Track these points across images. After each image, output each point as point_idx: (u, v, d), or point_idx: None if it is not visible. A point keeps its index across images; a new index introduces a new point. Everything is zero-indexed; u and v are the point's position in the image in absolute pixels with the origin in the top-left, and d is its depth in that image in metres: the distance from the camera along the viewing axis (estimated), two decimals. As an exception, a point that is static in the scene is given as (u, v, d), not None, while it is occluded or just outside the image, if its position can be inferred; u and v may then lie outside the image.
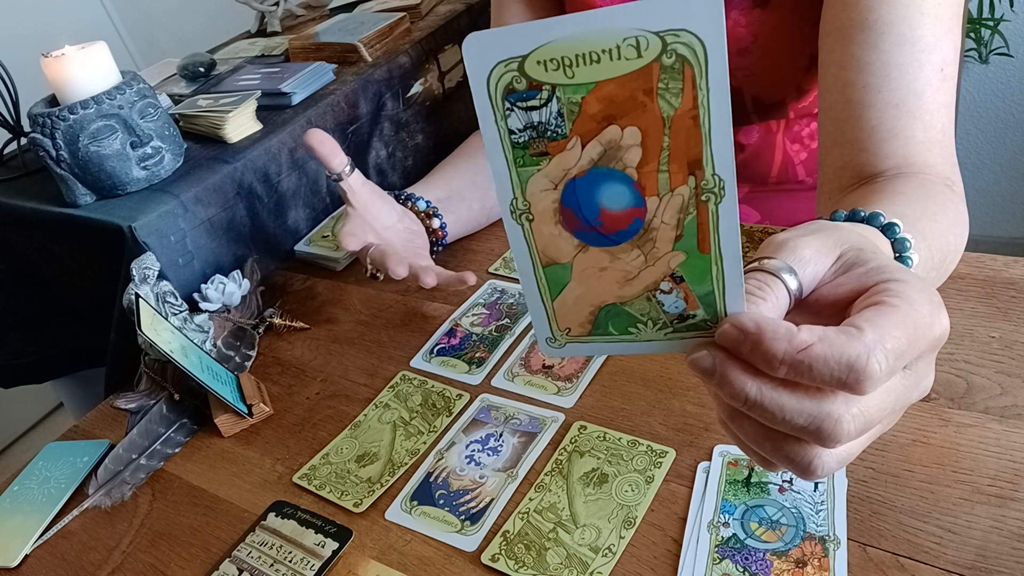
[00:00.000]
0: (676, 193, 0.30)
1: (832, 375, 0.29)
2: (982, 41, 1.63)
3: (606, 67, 0.27)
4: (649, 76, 0.27)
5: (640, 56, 0.27)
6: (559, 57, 0.27)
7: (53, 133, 0.80)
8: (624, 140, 0.29)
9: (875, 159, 0.58)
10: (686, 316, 0.33)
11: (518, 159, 0.30)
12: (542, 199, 0.31)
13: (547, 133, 0.29)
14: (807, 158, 0.82)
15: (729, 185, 0.29)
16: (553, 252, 0.32)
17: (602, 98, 0.28)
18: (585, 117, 0.29)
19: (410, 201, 0.78)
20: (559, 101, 0.28)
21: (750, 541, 0.47)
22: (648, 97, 0.28)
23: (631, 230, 0.31)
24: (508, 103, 0.29)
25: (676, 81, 0.27)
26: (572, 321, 0.34)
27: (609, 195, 0.30)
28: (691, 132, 0.28)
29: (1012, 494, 0.45)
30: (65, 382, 1.15)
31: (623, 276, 0.32)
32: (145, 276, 0.73)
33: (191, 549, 0.58)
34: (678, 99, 0.28)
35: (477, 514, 0.53)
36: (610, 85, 0.28)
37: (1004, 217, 1.86)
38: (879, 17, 0.56)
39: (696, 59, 0.27)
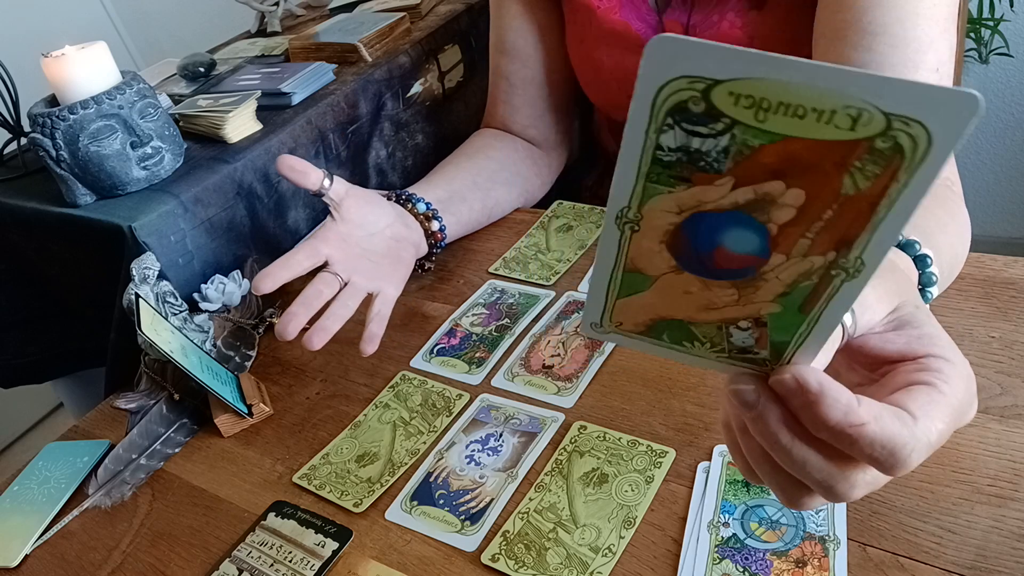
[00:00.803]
0: (808, 259, 0.27)
1: (872, 455, 0.29)
2: (982, 41, 1.63)
3: (807, 126, 0.23)
4: (851, 151, 0.23)
5: (853, 129, 0.23)
6: (758, 96, 0.23)
7: (53, 133, 0.80)
8: (784, 199, 0.25)
9: None
10: (748, 351, 0.31)
11: (652, 174, 0.26)
12: (659, 218, 0.27)
13: (700, 164, 0.25)
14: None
15: (868, 270, 0.26)
16: (643, 263, 0.29)
17: (783, 153, 0.24)
18: (753, 163, 0.25)
19: (410, 202, 0.77)
20: (733, 139, 0.24)
21: (750, 541, 0.47)
22: (836, 170, 0.24)
23: (740, 273, 0.28)
24: (671, 119, 0.24)
25: (876, 166, 0.23)
26: (628, 319, 0.32)
27: (735, 237, 0.27)
28: (860, 215, 0.25)
29: (1012, 494, 0.45)
30: (65, 382, 1.15)
31: (705, 304, 0.30)
32: (145, 276, 0.73)
33: (191, 549, 0.58)
34: (868, 183, 0.24)
35: (477, 514, 0.53)
36: (799, 144, 0.24)
37: (1004, 217, 1.86)
38: (873, 19, 0.56)
39: (913, 154, 0.23)
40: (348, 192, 0.70)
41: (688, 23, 0.74)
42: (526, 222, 0.87)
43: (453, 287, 0.79)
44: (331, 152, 0.97)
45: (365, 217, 0.70)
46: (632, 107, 0.25)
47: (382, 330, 0.68)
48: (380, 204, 0.73)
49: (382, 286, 0.69)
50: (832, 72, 0.22)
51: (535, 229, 0.85)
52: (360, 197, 0.71)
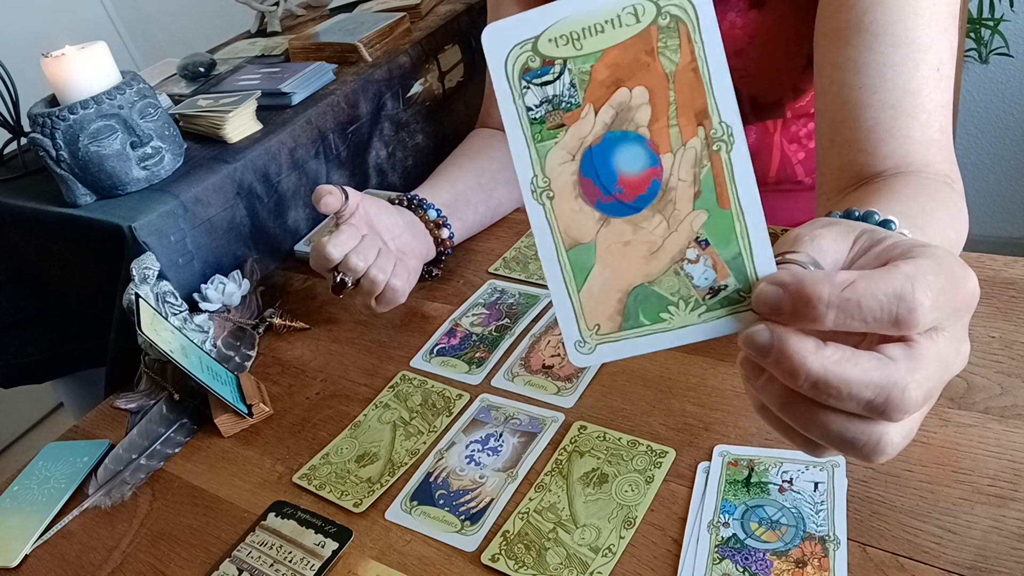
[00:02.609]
0: (688, 146, 0.31)
1: (883, 309, 0.29)
2: (982, 41, 1.63)
3: (610, 35, 0.30)
4: (649, 38, 0.30)
5: (639, 21, 0.30)
6: (567, 32, 0.31)
7: (53, 133, 0.80)
8: (633, 100, 0.31)
9: (873, 159, 0.58)
10: (717, 288, 0.32)
11: (536, 135, 0.32)
12: (561, 172, 0.32)
13: (562, 105, 0.31)
14: (805, 158, 0.82)
15: (737, 131, 0.31)
16: (575, 231, 0.33)
17: (609, 64, 0.31)
18: (595, 84, 0.31)
19: (421, 208, 0.77)
20: (571, 73, 0.31)
21: (750, 541, 0.47)
22: (650, 57, 0.31)
23: (650, 193, 0.32)
24: (524, 82, 0.31)
25: (673, 39, 0.30)
26: (600, 314, 0.33)
27: (625, 158, 0.32)
28: (693, 84, 0.31)
29: (1012, 494, 0.45)
30: (65, 382, 1.15)
31: (647, 248, 0.33)
32: (145, 276, 0.73)
33: (191, 549, 0.58)
34: (677, 55, 0.31)
35: (477, 514, 0.53)
36: (615, 51, 0.31)
37: (1004, 217, 1.86)
38: (874, 19, 0.56)
39: (688, 17, 0.30)
40: (363, 197, 0.71)
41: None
42: (526, 222, 0.86)
43: (453, 287, 0.79)
44: (331, 152, 0.97)
45: (382, 221, 0.71)
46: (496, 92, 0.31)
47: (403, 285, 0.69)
48: (390, 212, 0.73)
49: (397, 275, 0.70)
50: None
51: (535, 229, 0.85)
52: (373, 202, 0.72)
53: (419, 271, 0.75)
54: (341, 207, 0.68)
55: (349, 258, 0.66)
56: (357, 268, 0.66)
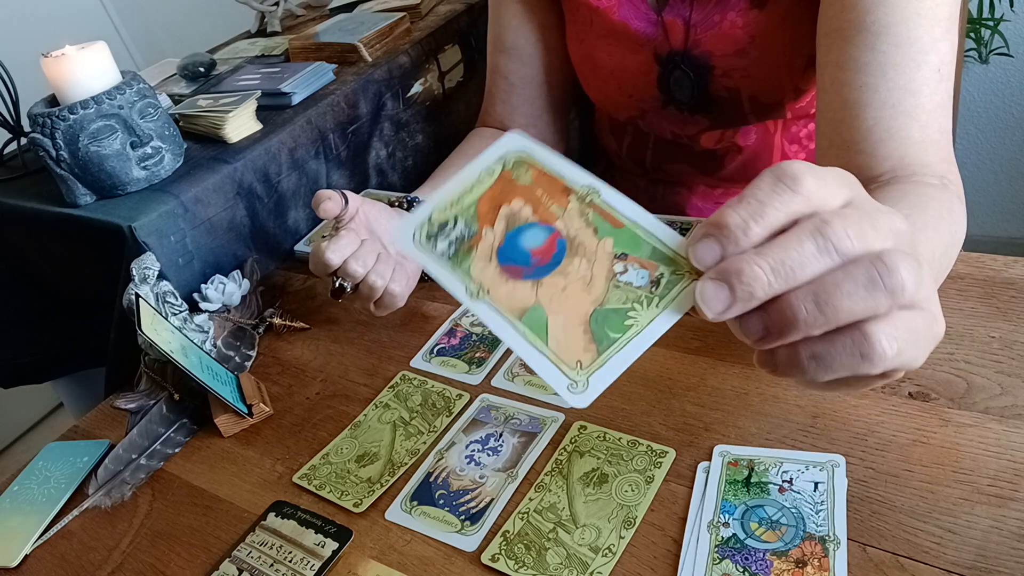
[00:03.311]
0: (569, 210, 0.39)
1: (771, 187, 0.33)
2: (982, 41, 1.63)
3: (479, 189, 0.40)
4: (507, 178, 0.40)
5: (494, 175, 0.40)
6: (448, 202, 0.40)
7: (53, 133, 0.80)
8: (515, 208, 0.39)
9: (872, 161, 0.58)
10: (657, 279, 0.36)
11: (456, 264, 0.39)
12: (485, 272, 0.38)
13: (465, 238, 0.39)
14: (805, 159, 0.82)
15: (598, 183, 0.38)
16: (519, 303, 0.38)
17: (487, 200, 0.40)
18: (483, 214, 0.39)
19: None
20: (462, 218, 0.39)
21: (750, 541, 0.47)
22: (512, 184, 0.40)
23: (560, 249, 0.38)
24: (432, 241, 0.39)
25: (523, 170, 0.40)
26: (576, 351, 0.37)
27: (528, 239, 0.39)
28: (551, 180, 0.39)
29: (1012, 494, 0.45)
30: (65, 382, 1.15)
31: (583, 283, 0.37)
32: (145, 276, 0.73)
33: (191, 549, 0.58)
34: (529, 175, 0.40)
35: (477, 514, 0.53)
36: (488, 193, 0.40)
37: (1004, 217, 1.86)
38: (876, 19, 0.56)
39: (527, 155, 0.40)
40: (362, 201, 0.71)
41: (688, 21, 0.74)
42: (526, 222, 0.86)
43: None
44: (331, 152, 0.97)
45: (381, 225, 0.71)
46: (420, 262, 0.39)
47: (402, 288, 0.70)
48: (390, 215, 0.73)
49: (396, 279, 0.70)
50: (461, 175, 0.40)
51: (535, 229, 0.85)
52: (372, 205, 0.72)
53: (418, 275, 0.75)
54: (341, 212, 0.68)
55: (348, 263, 0.66)
56: (356, 273, 0.66)
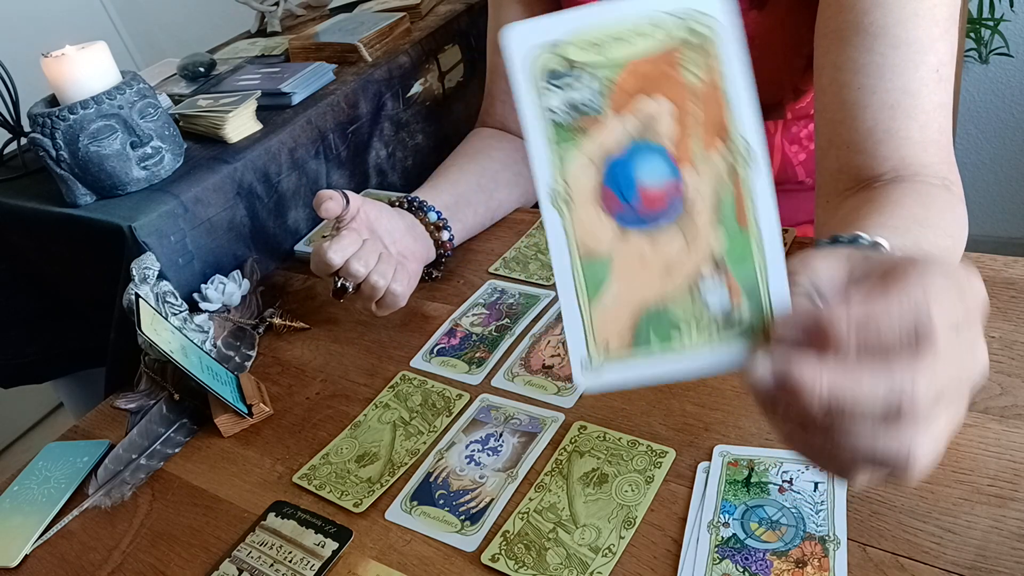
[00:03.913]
0: (710, 162, 0.31)
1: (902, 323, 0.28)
2: (982, 41, 1.63)
3: (637, 46, 0.31)
4: (674, 52, 0.31)
5: (666, 36, 0.30)
6: (593, 39, 0.30)
7: (53, 133, 0.80)
8: (657, 111, 0.31)
9: (872, 161, 0.58)
10: (730, 318, 0.32)
11: (557, 137, 0.31)
12: (581, 179, 0.31)
13: (585, 110, 0.31)
14: (806, 159, 0.82)
15: (758, 152, 0.31)
16: (592, 241, 0.32)
17: (635, 74, 0.31)
18: (620, 92, 0.31)
19: (422, 211, 0.77)
20: (596, 79, 0.31)
21: (750, 541, 0.47)
22: (675, 70, 0.31)
23: (670, 208, 0.32)
24: (548, 84, 0.31)
25: (698, 55, 0.30)
26: (611, 330, 0.33)
27: (647, 169, 0.31)
28: (716, 99, 0.31)
29: (1012, 494, 0.45)
30: (65, 382, 1.15)
31: (664, 266, 0.32)
32: (145, 276, 0.73)
33: (191, 549, 0.58)
34: (702, 71, 0.31)
35: (477, 514, 0.54)
36: (641, 63, 0.31)
37: (1004, 217, 1.86)
38: (874, 20, 0.56)
39: (713, 35, 0.30)
40: (363, 201, 0.71)
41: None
42: (526, 222, 0.87)
43: (453, 287, 0.79)
44: (331, 152, 0.97)
45: (382, 225, 0.71)
46: (516, 93, 0.31)
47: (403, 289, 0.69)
48: (391, 215, 0.73)
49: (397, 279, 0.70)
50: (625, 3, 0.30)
51: (535, 229, 0.85)
52: (373, 205, 0.72)
53: (419, 274, 0.75)
54: (342, 212, 0.68)
55: (350, 263, 0.66)
56: (358, 273, 0.66)
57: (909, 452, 0.30)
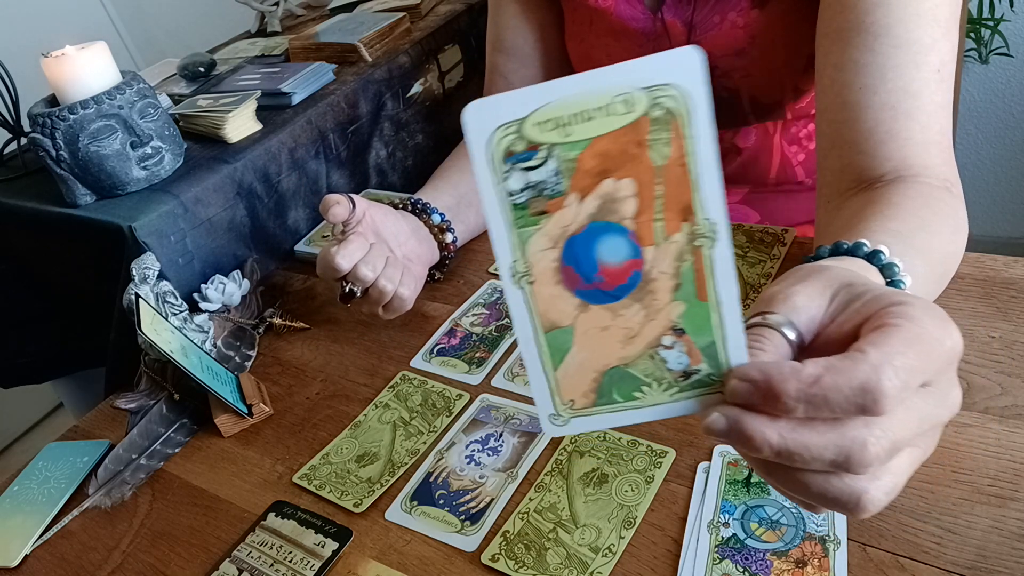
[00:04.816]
0: (672, 240, 0.31)
1: (848, 401, 0.29)
2: (982, 41, 1.63)
3: (600, 123, 0.29)
4: (640, 129, 0.29)
5: (630, 111, 0.29)
6: (555, 117, 0.29)
7: (53, 133, 0.80)
8: (620, 192, 0.30)
9: (873, 161, 0.58)
10: (690, 372, 0.33)
11: (518, 220, 0.31)
12: (542, 259, 0.31)
13: (545, 191, 0.30)
14: (805, 159, 0.82)
15: (721, 229, 0.30)
16: (554, 315, 0.32)
17: (597, 153, 0.30)
18: (582, 173, 0.30)
19: (425, 213, 0.77)
20: (557, 159, 0.30)
21: (750, 541, 0.47)
22: (640, 149, 0.29)
23: (630, 283, 0.32)
24: (507, 165, 0.30)
25: (665, 132, 0.29)
26: (575, 391, 0.34)
27: (607, 248, 0.31)
28: (681, 179, 0.30)
29: (1012, 494, 0.45)
30: (65, 382, 1.16)
31: (625, 334, 0.32)
32: (145, 276, 0.73)
33: (191, 549, 0.58)
34: (668, 148, 0.29)
35: (477, 514, 0.53)
36: (604, 140, 0.29)
37: (1004, 217, 1.86)
38: (875, 20, 0.56)
39: (682, 110, 0.29)
40: (369, 205, 0.70)
41: (691, 22, 0.74)
42: (526, 222, 0.86)
43: (453, 287, 0.79)
44: (331, 152, 0.97)
45: (388, 228, 0.71)
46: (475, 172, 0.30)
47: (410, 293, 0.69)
48: (396, 218, 0.73)
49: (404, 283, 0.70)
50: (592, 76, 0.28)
51: (535, 229, 0.85)
52: (378, 209, 0.71)
53: (424, 277, 0.75)
54: (348, 216, 0.68)
55: (358, 268, 0.66)
56: (366, 278, 0.66)
57: (860, 498, 0.31)
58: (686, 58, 0.28)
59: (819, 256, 0.45)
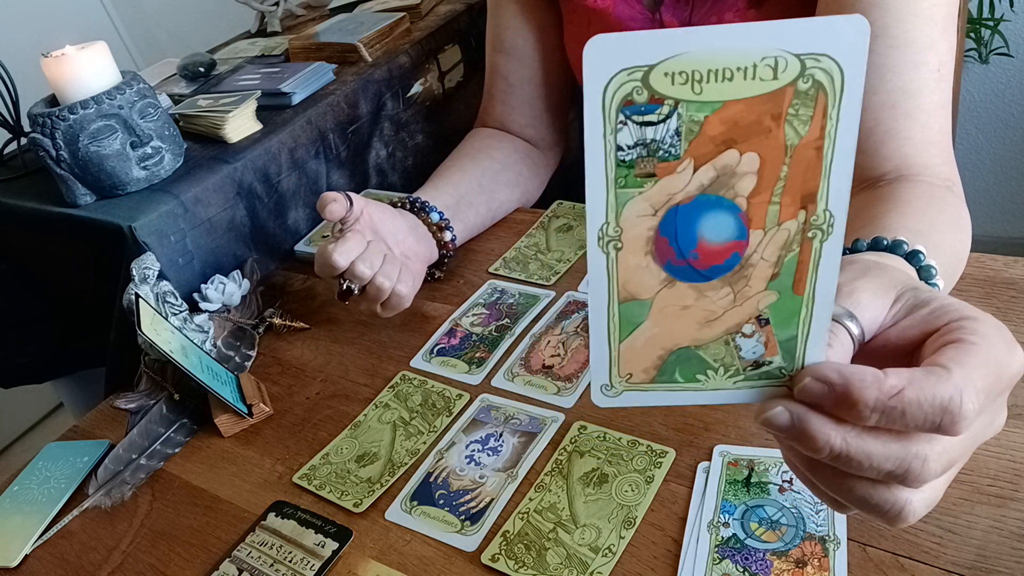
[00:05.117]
0: (783, 227, 0.28)
1: (926, 419, 0.29)
2: (982, 41, 1.63)
3: (737, 86, 0.26)
4: (781, 100, 0.26)
5: (776, 78, 0.25)
6: (689, 71, 0.25)
7: (53, 133, 0.80)
8: (741, 166, 0.27)
9: (874, 161, 0.58)
10: (761, 363, 0.31)
11: (619, 179, 0.27)
12: (637, 225, 0.28)
13: (659, 152, 0.27)
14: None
15: (839, 223, 0.28)
16: (634, 286, 0.30)
17: (726, 119, 0.26)
18: (704, 138, 0.27)
19: (424, 211, 0.77)
20: (680, 118, 0.26)
21: (750, 541, 0.47)
22: (775, 122, 0.26)
23: (727, 265, 0.29)
24: (623, 116, 0.26)
25: (807, 108, 0.26)
26: (637, 365, 0.32)
27: (711, 225, 0.28)
28: (811, 164, 0.27)
29: (1012, 494, 0.45)
30: (65, 382, 1.15)
31: (705, 316, 0.30)
32: (145, 276, 0.73)
33: (191, 549, 0.58)
34: (806, 127, 0.26)
35: (477, 514, 0.53)
36: (738, 106, 0.26)
37: (1004, 217, 1.86)
38: (873, 20, 0.56)
39: (832, 87, 0.26)
40: (366, 203, 0.70)
41: (689, 22, 0.74)
42: (526, 222, 0.87)
43: (453, 287, 0.79)
44: (331, 152, 0.97)
45: (386, 226, 0.71)
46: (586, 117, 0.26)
47: (407, 290, 0.69)
48: (394, 216, 0.73)
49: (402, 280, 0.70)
50: (740, 30, 0.25)
51: (535, 229, 0.85)
52: (376, 207, 0.71)
53: (423, 275, 0.75)
54: (346, 214, 0.68)
55: (355, 265, 0.66)
56: (364, 276, 0.66)
57: (903, 508, 0.31)
58: (854, 28, 0.24)
59: (856, 249, 0.45)
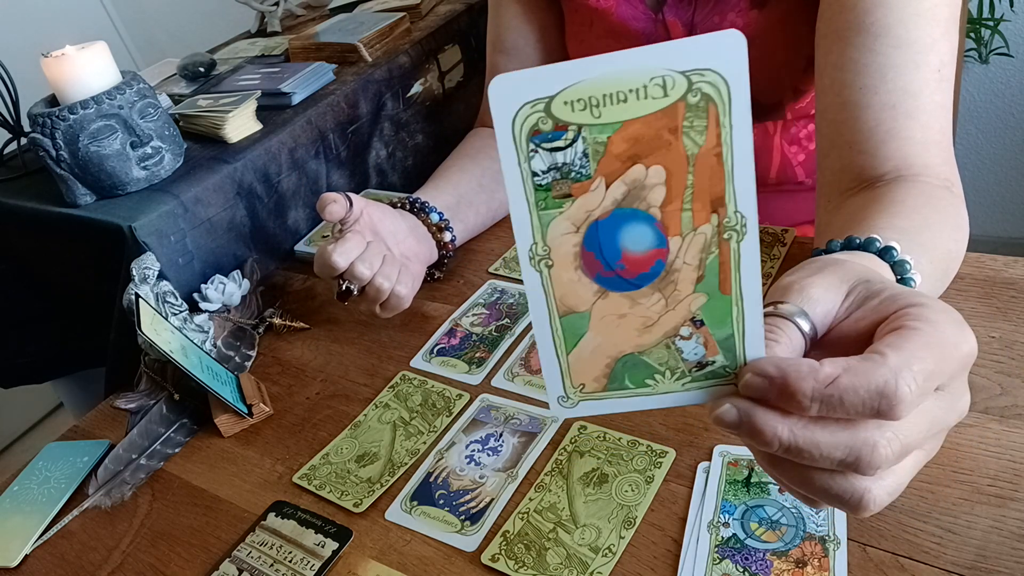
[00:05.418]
0: (699, 232, 0.30)
1: (864, 404, 0.29)
2: (982, 41, 1.63)
3: (632, 106, 0.28)
4: (675, 114, 0.28)
5: (666, 95, 0.27)
6: (586, 97, 0.28)
7: (53, 133, 0.80)
8: (648, 179, 0.29)
9: (874, 161, 0.58)
10: (705, 363, 0.33)
11: (540, 202, 0.30)
12: (563, 243, 0.31)
13: (571, 174, 0.29)
14: (805, 159, 0.82)
15: (751, 223, 0.30)
16: (571, 300, 0.32)
17: (628, 137, 0.28)
18: (610, 157, 0.29)
19: (424, 211, 0.77)
20: (585, 141, 0.29)
21: (750, 541, 0.47)
22: (673, 135, 0.28)
23: (652, 272, 0.31)
24: (533, 144, 0.29)
25: (701, 119, 0.28)
26: (587, 375, 0.34)
27: (632, 236, 0.30)
28: (714, 170, 0.29)
29: (1012, 494, 0.45)
30: (65, 382, 1.15)
31: (642, 323, 0.32)
32: (145, 276, 0.73)
33: (191, 549, 0.58)
34: (702, 137, 0.28)
35: (477, 514, 0.54)
36: (636, 124, 0.28)
37: (1004, 217, 1.86)
38: (875, 20, 0.56)
39: (720, 97, 0.28)
40: (366, 203, 0.70)
41: (691, 22, 0.74)
42: (526, 222, 0.86)
43: (453, 287, 0.79)
44: (331, 152, 0.97)
45: (385, 226, 0.71)
46: (499, 149, 0.29)
47: (407, 291, 0.69)
48: (394, 217, 0.73)
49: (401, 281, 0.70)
50: (628, 55, 0.27)
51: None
52: (376, 207, 0.71)
53: (422, 275, 0.75)
54: (346, 214, 0.68)
55: (355, 266, 0.66)
56: (363, 276, 0.66)
57: (862, 497, 0.32)
58: (729, 42, 0.27)
59: (830, 250, 0.45)
